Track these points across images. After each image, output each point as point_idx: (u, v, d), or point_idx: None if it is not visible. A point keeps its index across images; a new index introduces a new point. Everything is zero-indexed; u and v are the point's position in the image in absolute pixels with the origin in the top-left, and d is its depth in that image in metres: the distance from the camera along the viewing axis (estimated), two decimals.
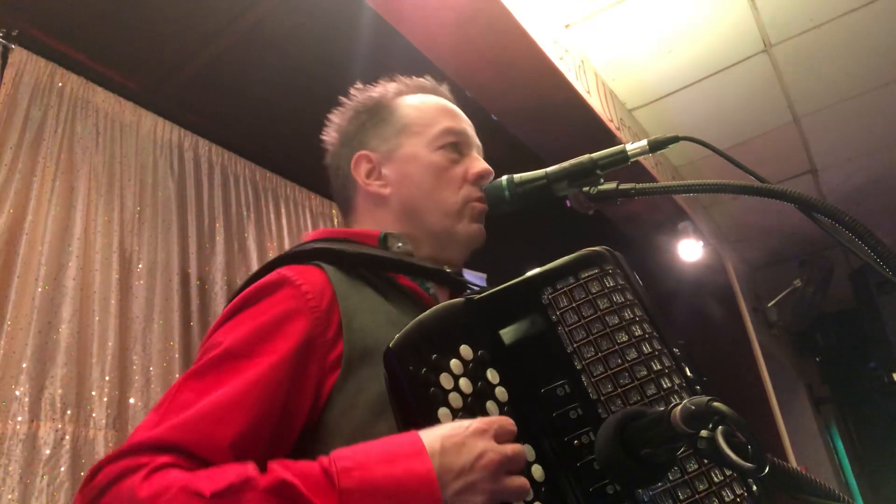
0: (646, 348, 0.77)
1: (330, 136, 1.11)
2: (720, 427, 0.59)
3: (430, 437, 0.67)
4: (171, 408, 0.72)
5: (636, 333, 0.78)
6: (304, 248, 0.93)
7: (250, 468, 0.65)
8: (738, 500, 0.71)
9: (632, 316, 0.79)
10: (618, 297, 0.80)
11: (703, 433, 0.60)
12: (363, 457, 0.66)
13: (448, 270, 0.96)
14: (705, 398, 0.59)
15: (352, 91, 1.11)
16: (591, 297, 0.79)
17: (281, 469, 0.64)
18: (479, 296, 0.81)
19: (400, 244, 0.97)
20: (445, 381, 0.72)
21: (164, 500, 0.61)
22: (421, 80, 1.12)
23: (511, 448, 0.69)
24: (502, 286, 0.82)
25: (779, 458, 0.70)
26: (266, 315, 0.80)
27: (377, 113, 1.07)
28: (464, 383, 0.73)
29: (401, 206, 1.01)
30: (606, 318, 0.78)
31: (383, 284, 0.92)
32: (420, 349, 0.73)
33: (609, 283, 0.80)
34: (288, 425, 0.76)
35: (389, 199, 1.02)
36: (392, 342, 0.73)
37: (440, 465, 0.65)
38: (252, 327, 0.79)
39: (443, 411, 0.70)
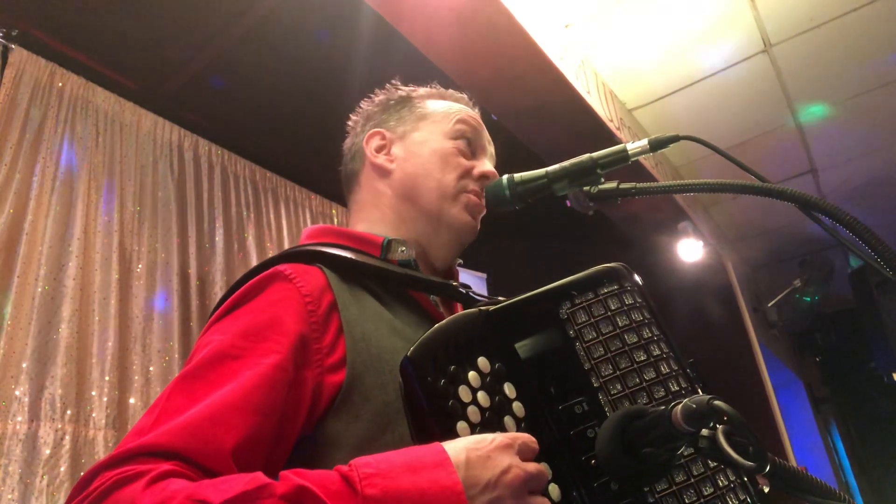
0: (663, 368, 0.76)
1: (353, 119, 1.14)
2: (721, 426, 0.59)
3: (455, 448, 0.65)
4: (166, 411, 0.69)
5: (654, 353, 0.76)
6: (307, 248, 0.91)
7: (261, 476, 0.61)
8: None
9: (650, 335, 0.77)
10: (636, 315, 0.78)
11: (704, 432, 0.60)
12: (386, 465, 0.63)
13: (455, 284, 0.94)
14: (706, 397, 0.59)
15: (387, 86, 1.15)
16: (609, 313, 0.77)
17: (296, 476, 0.61)
18: (495, 307, 0.78)
19: (403, 249, 0.95)
20: (464, 393, 0.70)
21: None
22: (459, 93, 1.15)
23: (534, 466, 0.67)
24: (519, 298, 0.79)
25: (779, 458, 0.70)
26: (262, 313, 0.78)
27: (404, 102, 1.10)
28: (482, 397, 0.71)
29: (401, 183, 1.02)
30: (625, 336, 0.76)
31: (386, 293, 0.90)
32: (438, 359, 0.70)
33: (628, 301, 0.79)
34: (285, 432, 0.73)
35: (392, 174, 1.03)
36: (410, 351, 0.70)
37: (465, 478, 0.63)
38: (247, 325, 0.77)
39: (461, 425, 0.68)
